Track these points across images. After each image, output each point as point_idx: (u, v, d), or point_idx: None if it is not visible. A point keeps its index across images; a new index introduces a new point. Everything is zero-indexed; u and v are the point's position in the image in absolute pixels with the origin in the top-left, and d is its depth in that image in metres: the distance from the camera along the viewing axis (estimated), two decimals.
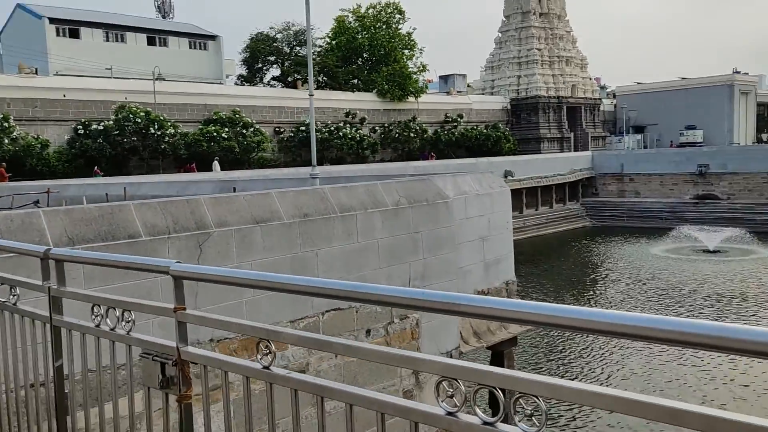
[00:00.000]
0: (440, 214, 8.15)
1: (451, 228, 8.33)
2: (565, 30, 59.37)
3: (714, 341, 1.24)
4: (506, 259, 10.04)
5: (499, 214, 9.79)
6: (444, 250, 8.21)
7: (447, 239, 8.25)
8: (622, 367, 17.29)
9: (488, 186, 9.65)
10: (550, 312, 1.49)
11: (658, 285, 26.81)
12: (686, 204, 43.86)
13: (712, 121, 54.75)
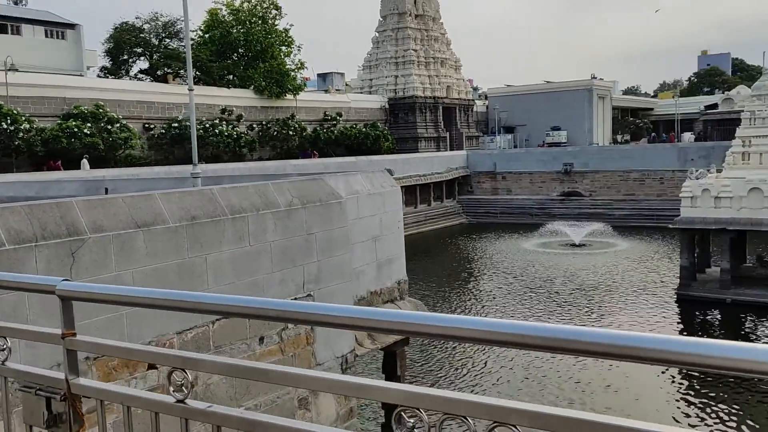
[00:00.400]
0: (334, 214, 7.95)
1: (345, 229, 8.15)
2: (440, 32, 61.08)
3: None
4: (398, 259, 10.02)
5: (391, 213, 9.74)
6: (338, 252, 8.01)
7: (341, 240, 8.06)
8: (509, 369, 17.92)
9: (380, 185, 9.57)
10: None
11: (532, 278, 28.22)
12: (553, 201, 46.60)
13: (575, 122, 58.60)
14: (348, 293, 8.27)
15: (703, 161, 41.00)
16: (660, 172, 43.29)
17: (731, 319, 22.08)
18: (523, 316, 22.47)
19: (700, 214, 23.18)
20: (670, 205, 41.40)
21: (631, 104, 72.01)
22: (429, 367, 17.67)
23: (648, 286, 26.37)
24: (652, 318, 22.13)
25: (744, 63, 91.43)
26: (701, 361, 1.19)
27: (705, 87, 79.65)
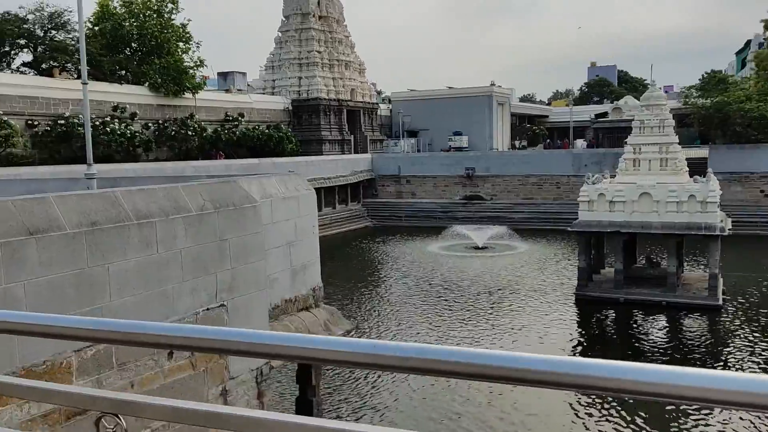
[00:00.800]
0: (248, 219, 7.53)
1: (261, 234, 7.75)
2: (344, 35, 61.00)
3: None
4: (313, 265, 9.70)
5: (306, 218, 9.41)
6: (253, 258, 7.60)
7: (256, 246, 7.66)
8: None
9: (294, 188, 9.22)
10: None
11: (439, 281, 28.59)
12: (456, 204, 47.61)
13: (476, 127, 60.20)
14: (263, 302, 7.88)
15: (596, 167, 43.14)
16: (556, 177, 45.22)
17: (624, 317, 23.28)
18: (432, 321, 22.68)
19: (596, 218, 24.30)
20: (567, 208, 43.35)
21: (528, 111, 74.99)
22: (346, 377, 17.39)
23: (548, 286, 27.37)
24: (552, 318, 22.95)
25: (628, 75, 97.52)
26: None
27: (595, 96, 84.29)
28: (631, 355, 19.12)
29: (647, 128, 24.97)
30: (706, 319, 22.39)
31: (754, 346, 19.36)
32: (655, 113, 24.94)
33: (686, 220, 22.96)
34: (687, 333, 21.49)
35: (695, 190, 22.93)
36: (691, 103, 45.74)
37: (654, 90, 26.50)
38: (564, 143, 62.75)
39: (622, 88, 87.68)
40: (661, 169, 24.49)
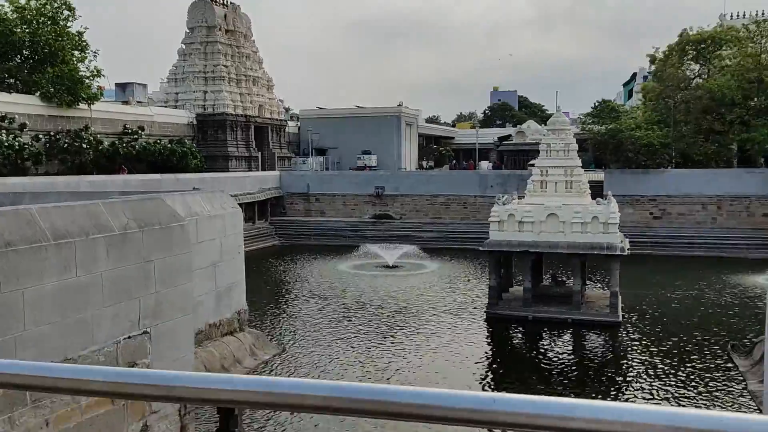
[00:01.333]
0: (175, 239, 7.05)
1: (188, 255, 7.28)
2: (252, 50, 60.12)
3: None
4: (238, 286, 9.26)
5: (232, 237, 8.99)
6: (179, 281, 7.12)
7: (183, 268, 7.18)
8: None
9: (220, 206, 8.78)
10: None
11: (351, 301, 28.37)
12: (366, 223, 47.68)
13: (384, 147, 60.84)
14: (188, 328, 7.38)
15: (501, 188, 44.63)
16: (463, 197, 46.30)
17: (533, 335, 23.95)
18: (352, 342, 22.37)
19: (506, 237, 24.97)
20: (474, 228, 44.49)
21: (435, 132, 76.68)
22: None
23: (460, 305, 27.78)
24: (465, 336, 23.25)
25: (528, 100, 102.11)
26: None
27: (497, 120, 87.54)
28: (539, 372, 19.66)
29: (553, 151, 26.04)
30: (608, 335, 23.41)
31: (651, 360, 20.40)
32: (561, 137, 26.07)
33: (590, 240, 24.01)
34: (591, 349, 22.39)
35: (598, 212, 24.06)
36: (588, 129, 48.27)
37: (559, 115, 27.73)
38: (469, 164, 64.53)
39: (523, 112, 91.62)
40: (567, 191, 25.57)
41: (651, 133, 43.34)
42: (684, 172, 43.08)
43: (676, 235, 40.73)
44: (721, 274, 33.39)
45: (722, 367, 18.95)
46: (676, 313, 26.26)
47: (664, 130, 44.83)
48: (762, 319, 24.84)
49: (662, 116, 47.14)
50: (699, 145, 45.06)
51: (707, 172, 42.71)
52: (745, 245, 38.94)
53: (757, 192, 40.67)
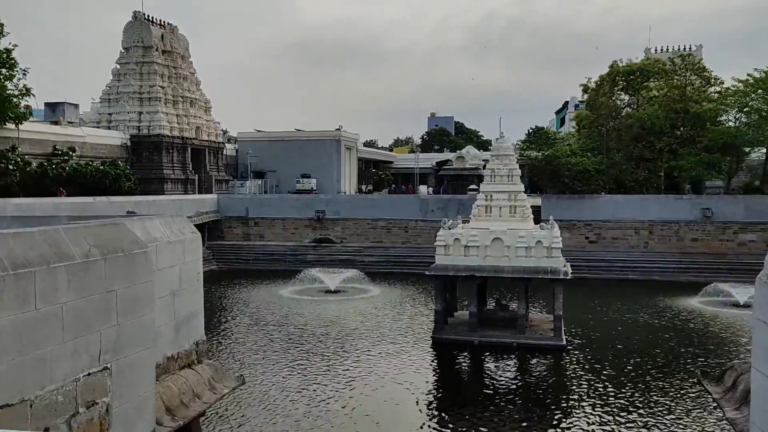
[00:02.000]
0: (138, 267, 6.64)
1: (151, 284, 6.87)
2: (189, 71, 59.06)
3: None
4: (197, 316, 8.83)
5: (191, 263, 8.58)
6: (142, 312, 6.69)
7: (145, 298, 6.76)
8: None
9: (179, 231, 8.38)
10: None
11: (294, 327, 27.81)
12: (306, 247, 47.15)
13: (324, 170, 60.60)
14: (150, 362, 6.94)
15: (442, 212, 45.10)
16: (405, 221, 46.49)
17: (478, 360, 24.02)
18: (299, 371, 21.84)
19: (452, 262, 25.09)
20: (415, 252, 44.70)
21: (374, 156, 77.02)
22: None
23: (405, 330, 27.63)
24: (412, 361, 23.08)
25: (464, 126, 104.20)
26: None
27: (435, 145, 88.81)
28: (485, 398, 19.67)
29: (497, 177, 26.48)
30: (553, 359, 23.73)
31: (598, 384, 20.77)
32: (505, 163, 26.56)
33: (534, 264, 24.43)
34: (536, 374, 22.57)
35: (542, 236, 24.53)
36: (525, 155, 49.47)
37: (503, 141, 28.28)
38: (409, 189, 64.99)
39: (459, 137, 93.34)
40: (511, 216, 25.99)
41: (586, 160, 44.85)
42: (617, 197, 44.69)
43: (611, 259, 42.06)
44: (655, 297, 34.58)
45: (689, 394, 19.29)
46: (617, 337, 26.93)
47: (598, 156, 46.50)
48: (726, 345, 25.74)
49: (596, 143, 48.94)
50: (631, 171, 46.95)
51: (639, 198, 44.45)
52: (676, 269, 40.56)
53: (685, 217, 42.57)
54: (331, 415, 17.67)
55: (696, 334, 27.25)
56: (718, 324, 28.90)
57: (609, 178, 46.39)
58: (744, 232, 42.18)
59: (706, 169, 46.00)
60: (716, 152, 45.55)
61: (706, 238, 42.30)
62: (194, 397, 8.14)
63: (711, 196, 45.93)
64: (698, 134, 46.63)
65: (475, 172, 56.97)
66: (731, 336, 26.80)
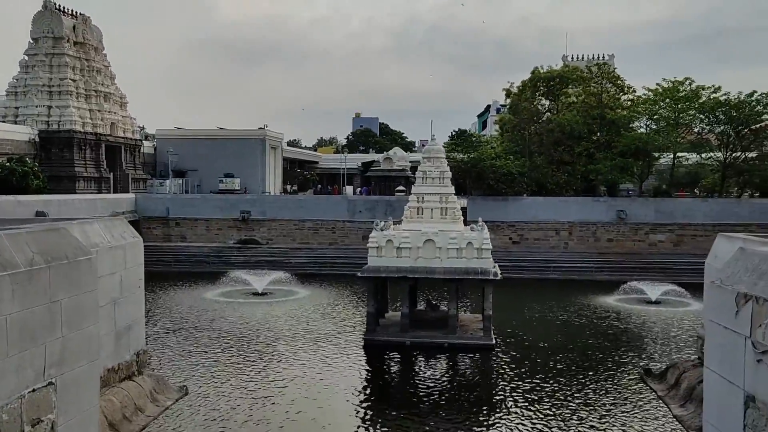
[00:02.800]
0: (83, 275, 6.25)
1: (95, 293, 6.49)
2: (103, 64, 56.61)
3: None
4: (138, 324, 8.43)
5: (133, 269, 8.18)
6: (87, 323, 6.31)
7: (89, 308, 6.38)
8: None
9: (120, 236, 7.97)
10: None
11: (222, 331, 27.14)
12: (231, 248, 46.15)
13: (248, 170, 59.46)
14: (95, 376, 6.55)
15: (369, 213, 45.27)
16: (331, 222, 46.30)
17: (409, 360, 24.18)
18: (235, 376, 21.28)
19: (384, 263, 25.14)
20: (342, 253, 44.62)
21: (299, 156, 76.30)
22: None
23: (335, 332, 27.48)
24: (343, 364, 22.97)
25: (389, 127, 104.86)
26: None
27: (360, 145, 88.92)
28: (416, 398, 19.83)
29: (429, 178, 26.75)
30: (483, 358, 24.20)
31: (525, 381, 21.33)
32: (436, 165, 26.86)
33: (465, 265, 24.83)
34: (466, 373, 22.95)
35: (472, 238, 24.97)
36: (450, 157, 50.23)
37: (434, 144, 28.59)
38: (334, 189, 64.77)
39: (384, 138, 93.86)
40: (442, 218, 26.31)
41: (509, 163, 46.07)
42: (539, 199, 46.15)
43: (533, 259, 43.41)
44: (575, 295, 35.93)
45: (631, 389, 19.92)
46: (542, 335, 27.77)
47: (521, 159, 47.87)
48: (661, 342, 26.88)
49: (518, 147, 50.39)
50: (551, 174, 48.59)
51: (560, 200, 46.07)
52: (594, 269, 42.31)
53: (602, 219, 44.48)
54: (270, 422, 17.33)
55: (616, 331, 28.48)
56: (635, 320, 30.31)
57: (531, 180, 47.84)
58: (654, 233, 44.51)
59: (620, 173, 48.21)
60: (629, 157, 47.82)
61: (621, 239, 44.36)
62: (137, 410, 7.77)
63: (625, 199, 48.25)
64: (613, 139, 48.83)
65: (402, 174, 57.51)
66: (650, 332, 28.16)
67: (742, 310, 5.14)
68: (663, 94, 48.85)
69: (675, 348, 25.14)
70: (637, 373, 21.29)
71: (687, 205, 45.22)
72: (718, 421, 5.62)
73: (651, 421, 17.33)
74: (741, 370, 5.17)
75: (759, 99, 46.25)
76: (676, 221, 44.01)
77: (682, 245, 43.68)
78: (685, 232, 43.88)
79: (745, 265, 5.47)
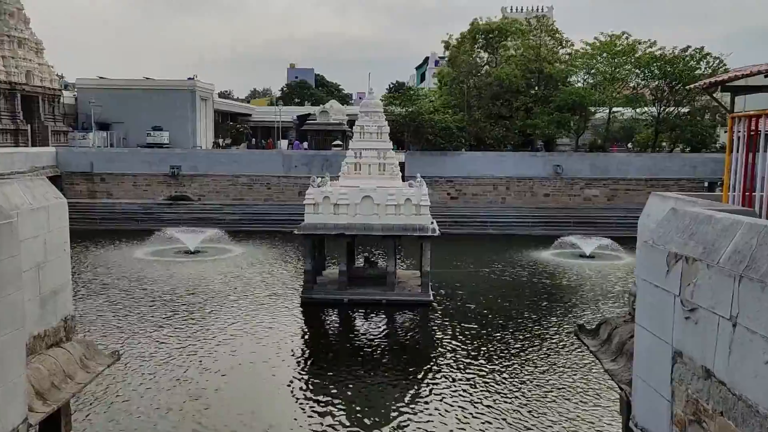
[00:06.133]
0: (4, 239, 5.98)
1: (17, 258, 6.23)
2: (16, 7, 53.14)
3: None
4: (64, 289, 8.16)
5: (57, 232, 7.87)
6: (9, 290, 6.06)
7: (12, 274, 6.12)
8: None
9: (43, 197, 7.64)
10: None
11: (155, 291, 26.71)
12: (161, 205, 45.05)
13: (177, 123, 57.59)
14: (20, 345, 6.34)
15: (305, 168, 44.93)
16: (267, 177, 45.70)
17: (348, 317, 24.49)
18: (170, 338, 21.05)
19: (321, 220, 25.11)
20: (278, 209, 44.31)
21: (231, 109, 74.46)
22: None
23: (273, 291, 27.47)
24: (280, 323, 23.05)
25: (325, 79, 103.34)
26: None
27: (295, 98, 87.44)
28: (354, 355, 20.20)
29: (367, 134, 26.66)
30: (420, 314, 24.74)
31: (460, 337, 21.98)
32: (374, 120, 26.76)
33: (403, 222, 25.07)
34: (405, 328, 23.48)
35: (410, 194, 25.17)
36: (388, 111, 50.02)
37: (373, 98, 28.36)
38: (269, 143, 63.77)
39: (320, 91, 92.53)
40: (380, 174, 26.37)
41: (448, 117, 46.30)
42: (477, 154, 46.75)
43: (471, 214, 44.20)
44: (512, 250, 36.95)
45: (566, 345, 20.85)
46: (480, 290, 28.54)
47: (459, 114, 48.17)
48: None
49: (457, 100, 50.60)
50: (489, 129, 49.19)
51: (497, 155, 46.79)
52: (531, 223, 43.49)
53: (539, 174, 45.51)
54: (208, 382, 17.33)
55: (551, 286, 29.54)
56: (569, 275, 31.48)
57: (470, 135, 48.32)
58: (589, 188, 45.91)
59: (557, 128, 49.25)
60: (566, 112, 48.83)
61: (557, 194, 45.57)
62: (66, 378, 7.60)
63: (561, 154, 49.39)
64: (551, 94, 49.68)
65: (340, 128, 57.04)
66: (584, 287, 29.31)
67: (672, 269, 5.40)
68: (600, 48, 49.82)
69: (607, 303, 26.32)
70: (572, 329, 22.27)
71: (621, 160, 46.72)
72: (647, 374, 5.95)
73: (584, 375, 18.25)
74: (670, 327, 5.46)
75: (692, 54, 47.79)
76: (611, 176, 45.49)
77: (615, 199, 45.26)
78: (618, 186, 45.44)
79: (677, 225, 5.73)
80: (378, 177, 26.31)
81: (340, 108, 60.82)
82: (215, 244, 36.33)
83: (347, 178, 26.40)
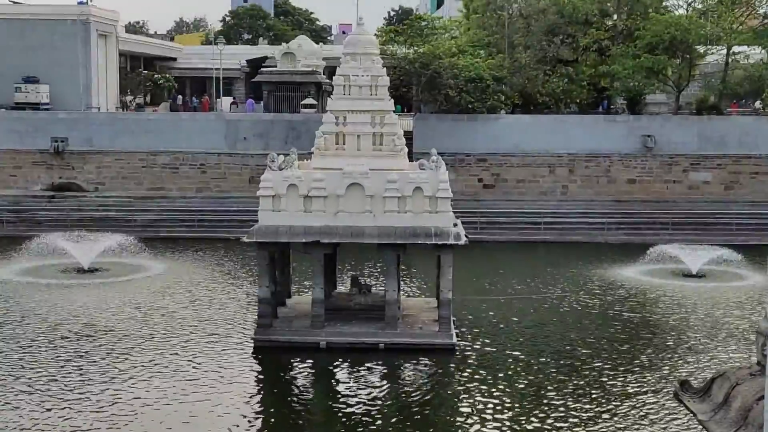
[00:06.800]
0: None
1: None
2: None
3: None
4: None
5: None
6: None
7: None
8: None
9: None
10: None
11: (34, 330, 26.80)
12: (38, 199, 45.30)
13: (62, 72, 57.15)
14: None
15: (260, 141, 45.09)
16: (201, 155, 45.87)
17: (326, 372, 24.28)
18: (34, 398, 20.98)
19: (286, 221, 24.91)
20: (218, 204, 44.57)
21: (146, 50, 74.16)
22: None
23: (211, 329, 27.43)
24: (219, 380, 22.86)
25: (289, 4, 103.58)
26: None
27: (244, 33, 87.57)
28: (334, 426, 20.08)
29: (355, 88, 26.49)
30: (437, 364, 24.59)
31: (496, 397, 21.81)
32: (365, 66, 26.58)
33: (411, 223, 24.91)
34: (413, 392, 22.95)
35: (422, 181, 24.99)
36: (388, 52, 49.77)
37: (362, 32, 28.09)
38: (204, 102, 63.80)
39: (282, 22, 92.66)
40: (375, 149, 26.22)
41: (479, 62, 46.26)
42: (524, 119, 46.85)
43: (515, 211, 44.17)
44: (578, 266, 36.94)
45: (661, 411, 20.57)
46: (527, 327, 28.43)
47: (496, 57, 48.15)
48: None
49: (493, 37, 50.59)
50: (543, 80, 49.14)
51: (555, 119, 46.86)
52: (607, 225, 43.39)
53: (619, 148, 45.46)
54: None
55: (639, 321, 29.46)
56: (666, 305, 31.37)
57: (512, 90, 48.27)
58: (696, 170, 45.87)
59: (647, 78, 49.20)
60: (661, 53, 48.75)
61: (647, 179, 45.55)
62: None
63: (653, 118, 49.40)
64: (638, 26, 49.61)
65: (313, 78, 56.90)
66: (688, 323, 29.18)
67: None
68: None
69: (724, 346, 26.20)
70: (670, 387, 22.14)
71: (746, 128, 46.66)
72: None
73: None
74: None
75: None
76: (730, 152, 45.43)
77: (737, 188, 45.32)
78: (741, 168, 45.42)
79: None
80: (372, 154, 26.18)
81: (313, 48, 60.70)
82: (121, 259, 36.43)
83: (325, 157, 26.30)
